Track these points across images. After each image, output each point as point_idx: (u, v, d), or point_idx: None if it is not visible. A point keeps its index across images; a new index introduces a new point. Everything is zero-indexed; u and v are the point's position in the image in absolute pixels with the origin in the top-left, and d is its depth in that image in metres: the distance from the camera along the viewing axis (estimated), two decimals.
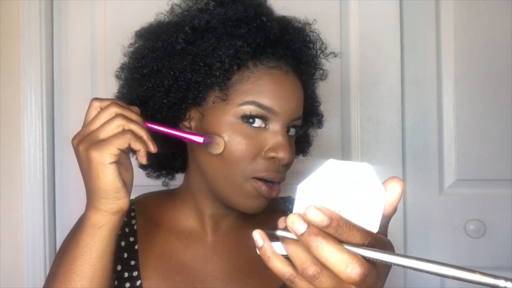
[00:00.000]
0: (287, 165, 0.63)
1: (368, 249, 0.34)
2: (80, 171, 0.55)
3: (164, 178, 0.75)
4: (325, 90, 0.77)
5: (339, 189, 0.35)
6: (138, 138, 0.54)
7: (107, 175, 0.51)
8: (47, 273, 1.12)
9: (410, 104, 1.23)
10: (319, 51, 0.70)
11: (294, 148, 0.65)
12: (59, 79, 1.20)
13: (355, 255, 0.34)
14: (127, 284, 0.63)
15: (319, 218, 0.33)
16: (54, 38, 1.19)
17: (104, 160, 0.51)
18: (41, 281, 1.13)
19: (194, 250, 0.68)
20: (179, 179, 0.76)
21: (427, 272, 0.31)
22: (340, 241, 0.34)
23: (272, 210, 0.75)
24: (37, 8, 1.14)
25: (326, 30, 0.72)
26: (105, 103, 0.56)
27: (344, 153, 1.21)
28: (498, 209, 1.19)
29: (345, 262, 0.33)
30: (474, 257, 1.19)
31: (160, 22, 0.67)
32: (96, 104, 0.56)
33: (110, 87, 1.18)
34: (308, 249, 0.35)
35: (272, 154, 0.59)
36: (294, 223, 0.35)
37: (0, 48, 1.14)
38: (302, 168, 0.79)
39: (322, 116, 0.76)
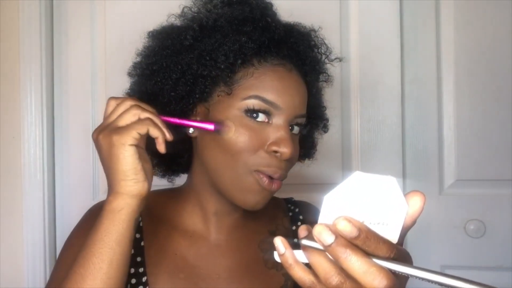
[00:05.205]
0: (290, 161, 0.63)
1: (396, 263, 0.35)
2: (101, 161, 0.57)
3: (168, 176, 0.76)
4: (325, 90, 0.77)
5: (364, 201, 0.36)
6: (155, 125, 0.57)
7: (127, 156, 0.54)
8: (48, 272, 1.13)
9: (410, 104, 1.23)
10: (323, 56, 0.71)
11: (297, 146, 0.66)
12: (59, 79, 1.20)
13: (382, 268, 0.35)
14: (133, 280, 0.64)
15: (348, 229, 0.34)
16: (54, 38, 1.19)
17: (125, 142, 0.54)
18: (41, 281, 1.13)
19: (198, 248, 0.68)
20: (182, 178, 0.76)
21: (452, 287, 0.32)
22: (366, 253, 0.35)
23: (274, 211, 0.77)
24: (37, 8, 1.14)
25: (326, 31, 0.73)
26: (121, 99, 0.59)
27: (344, 153, 1.21)
28: (498, 209, 1.19)
29: (373, 275, 0.34)
30: (474, 257, 1.19)
31: (172, 24, 0.70)
32: (113, 102, 0.59)
33: (110, 87, 1.19)
34: (335, 260, 0.35)
35: (274, 148, 0.60)
36: (321, 234, 0.35)
37: (0, 48, 1.14)
38: (302, 168, 0.79)
39: (328, 120, 0.78)
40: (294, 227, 0.75)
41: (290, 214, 0.77)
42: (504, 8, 1.20)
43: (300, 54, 0.66)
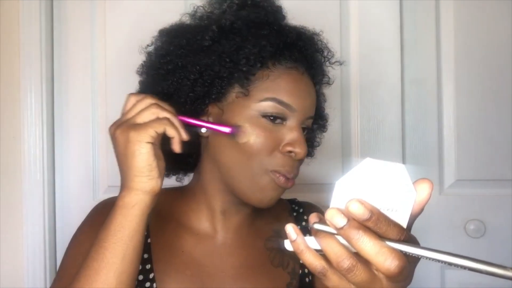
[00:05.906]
0: (301, 161, 0.65)
1: (407, 244, 0.36)
2: (116, 156, 0.58)
3: (175, 175, 0.77)
4: (325, 90, 0.78)
5: (374, 187, 0.36)
6: (173, 125, 0.58)
7: (143, 152, 0.55)
8: (47, 272, 1.13)
9: (410, 104, 1.23)
10: (325, 59, 0.73)
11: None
12: (59, 79, 1.20)
13: (393, 249, 0.35)
14: (140, 277, 0.64)
15: (361, 211, 0.35)
16: (54, 38, 1.19)
17: (142, 139, 0.55)
18: (41, 281, 1.13)
19: (204, 246, 0.69)
20: (188, 177, 0.76)
21: (462, 266, 0.33)
22: (378, 235, 0.36)
23: (279, 211, 0.78)
24: (37, 8, 1.14)
25: (326, 31, 0.73)
26: (141, 97, 0.60)
27: (344, 153, 1.21)
28: (498, 209, 1.19)
29: (384, 255, 0.35)
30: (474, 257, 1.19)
31: (183, 23, 0.71)
32: (133, 99, 0.60)
33: (110, 87, 1.19)
34: (348, 242, 0.36)
35: (289, 148, 0.62)
36: (333, 217, 0.36)
37: (0, 48, 1.14)
38: (306, 168, 0.79)
39: (327, 120, 0.79)
40: (298, 227, 0.75)
41: (294, 214, 0.78)
42: (504, 8, 1.20)
43: (308, 57, 0.68)
